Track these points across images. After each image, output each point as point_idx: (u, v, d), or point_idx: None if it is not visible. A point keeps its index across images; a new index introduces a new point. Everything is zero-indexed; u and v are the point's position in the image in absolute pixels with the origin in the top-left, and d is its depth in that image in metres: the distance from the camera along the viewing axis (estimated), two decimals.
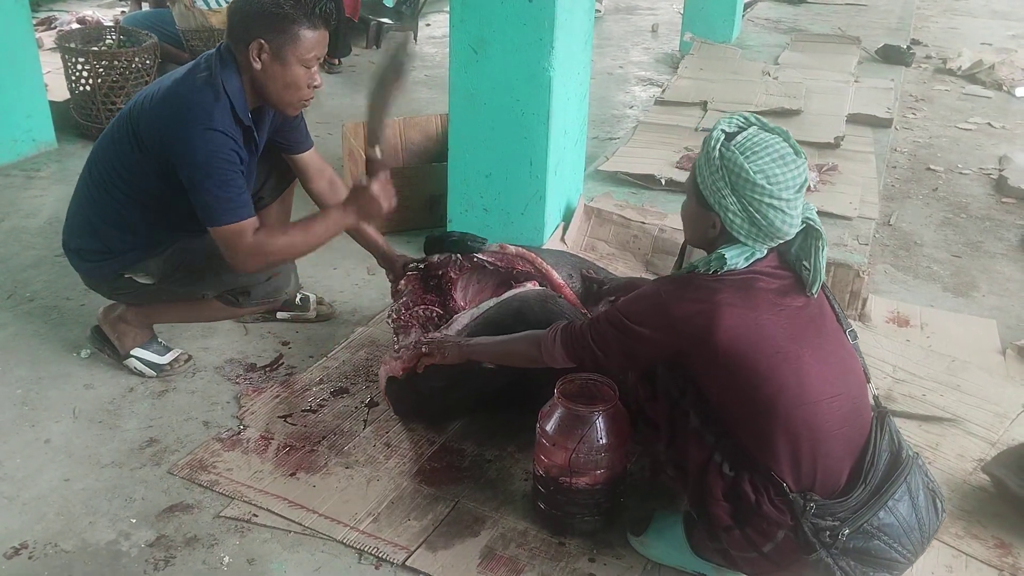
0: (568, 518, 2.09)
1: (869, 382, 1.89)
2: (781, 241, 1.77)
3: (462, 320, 2.40)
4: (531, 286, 2.52)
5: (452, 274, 2.65)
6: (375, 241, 2.79)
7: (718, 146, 1.71)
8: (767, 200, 1.68)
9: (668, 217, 3.53)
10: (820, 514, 1.69)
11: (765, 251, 1.77)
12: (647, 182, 3.93)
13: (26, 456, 2.33)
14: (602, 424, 2.00)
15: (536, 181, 3.20)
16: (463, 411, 2.50)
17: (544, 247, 3.19)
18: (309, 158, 2.69)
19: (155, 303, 2.62)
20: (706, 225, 1.78)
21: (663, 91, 5.34)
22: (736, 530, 1.77)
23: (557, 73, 3.03)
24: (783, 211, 1.70)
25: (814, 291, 1.80)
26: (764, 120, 1.77)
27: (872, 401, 1.89)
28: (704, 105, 4.97)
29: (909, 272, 3.56)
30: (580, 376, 2.18)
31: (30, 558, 2.01)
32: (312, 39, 2.26)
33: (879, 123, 4.87)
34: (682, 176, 3.94)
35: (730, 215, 1.72)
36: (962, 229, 3.99)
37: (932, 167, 4.73)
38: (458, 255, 2.65)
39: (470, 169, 3.27)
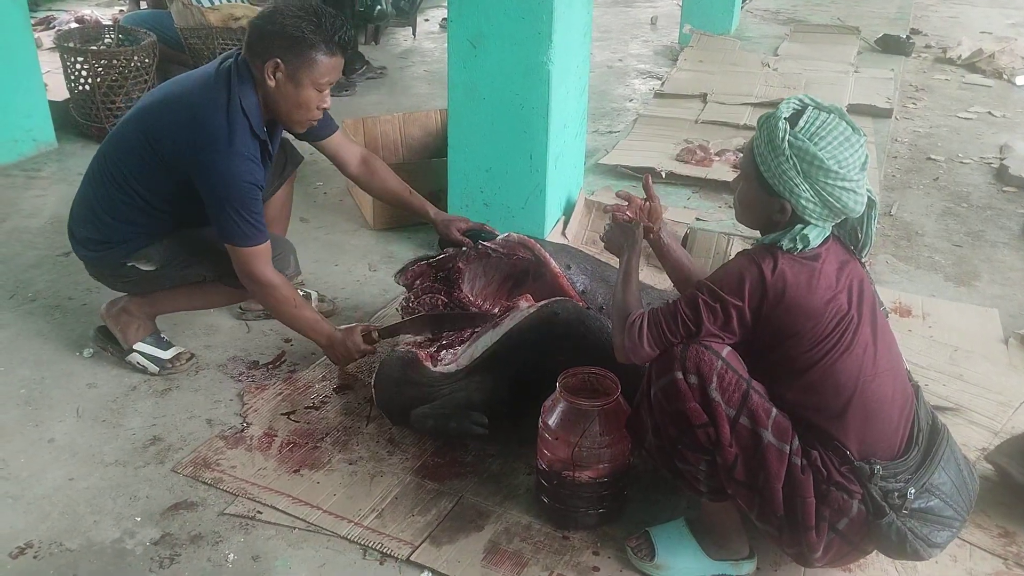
0: (572, 512, 2.09)
1: (901, 356, 1.90)
2: (850, 217, 1.78)
3: (462, 361, 2.36)
4: (524, 303, 2.45)
5: (460, 265, 2.66)
6: (424, 209, 2.79)
7: (785, 136, 1.69)
8: (840, 184, 1.69)
9: (668, 210, 3.52)
10: (887, 476, 1.72)
11: (831, 228, 1.79)
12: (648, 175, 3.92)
13: (30, 455, 2.34)
14: (604, 418, 2.00)
15: (536, 175, 3.20)
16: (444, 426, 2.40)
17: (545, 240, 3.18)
18: (336, 141, 2.72)
19: (158, 291, 2.63)
20: (772, 210, 1.76)
21: (663, 84, 5.34)
22: (823, 523, 1.75)
23: (556, 66, 3.02)
24: (854, 191, 1.71)
25: (864, 255, 1.82)
26: (815, 98, 1.76)
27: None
28: (704, 97, 4.97)
29: (911, 262, 3.56)
30: (581, 370, 2.18)
31: (35, 557, 2.02)
32: (328, 64, 2.30)
33: (879, 113, 4.86)
34: (683, 168, 3.96)
35: (803, 201, 1.71)
36: (963, 218, 3.98)
37: (933, 157, 4.73)
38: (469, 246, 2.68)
39: (470, 164, 3.27)
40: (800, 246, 1.73)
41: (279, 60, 2.27)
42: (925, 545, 1.75)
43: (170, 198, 2.43)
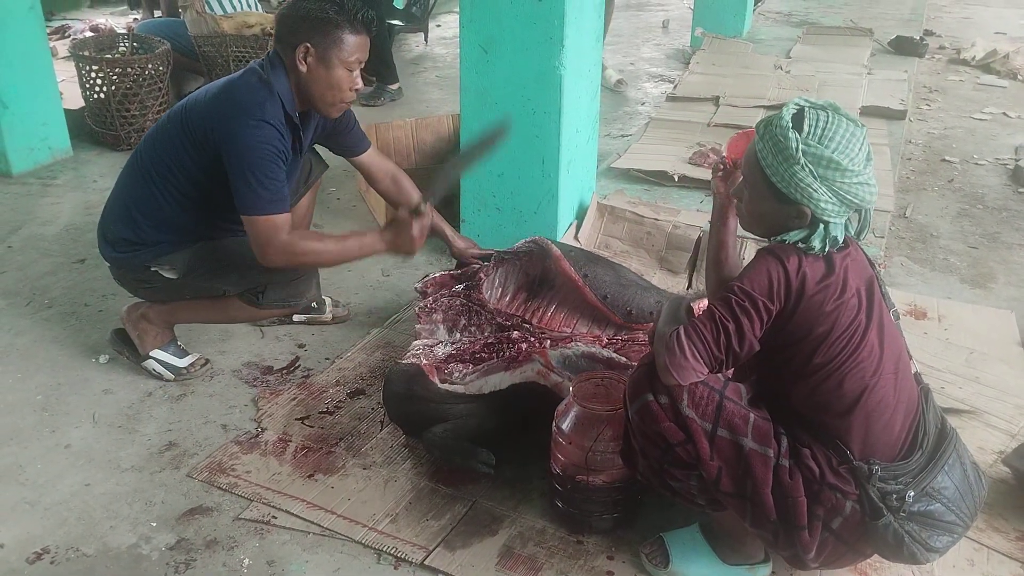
0: (586, 516, 2.09)
1: (911, 358, 1.89)
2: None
3: (470, 388, 2.34)
4: (533, 374, 2.33)
5: (481, 275, 2.73)
6: (442, 230, 2.85)
7: (798, 144, 1.67)
8: (856, 180, 1.68)
9: (681, 213, 3.53)
10: (885, 478, 1.71)
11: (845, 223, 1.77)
12: (660, 179, 3.92)
13: (47, 461, 2.36)
14: (617, 423, 2.00)
15: (548, 180, 3.20)
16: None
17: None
18: (369, 158, 2.81)
19: (177, 300, 2.65)
20: (789, 217, 1.73)
21: (675, 87, 5.33)
22: (816, 522, 1.73)
23: (568, 71, 3.03)
24: (867, 183, 1.70)
25: (863, 238, 1.80)
26: (808, 98, 1.76)
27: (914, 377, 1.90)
28: (716, 100, 4.96)
29: (926, 264, 3.54)
30: (595, 375, 2.18)
31: (52, 563, 2.03)
32: (354, 43, 2.38)
33: (893, 115, 4.84)
34: (695, 172, 3.94)
35: (822, 204, 1.69)
36: (979, 220, 3.96)
37: (947, 158, 4.70)
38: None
39: (482, 169, 3.27)
40: (830, 246, 1.72)
41: (308, 44, 2.35)
42: (923, 549, 1.73)
43: (199, 187, 2.45)
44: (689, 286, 3.25)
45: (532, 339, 2.53)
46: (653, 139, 4.44)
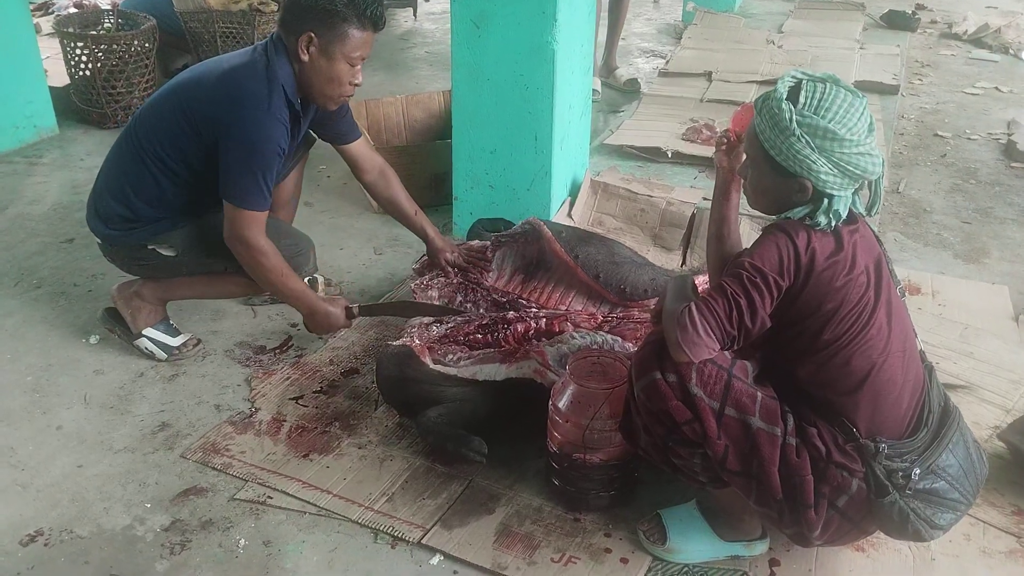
0: (583, 494, 2.09)
1: (916, 336, 1.88)
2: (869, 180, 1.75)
3: (463, 372, 2.33)
4: (530, 372, 2.30)
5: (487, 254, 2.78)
6: (423, 230, 2.83)
7: (792, 116, 1.66)
8: (855, 151, 1.67)
9: (675, 190, 3.51)
10: (891, 456, 1.71)
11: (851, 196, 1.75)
12: (653, 155, 3.90)
13: (38, 443, 2.33)
14: (614, 401, 1.99)
15: (542, 156, 3.17)
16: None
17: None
18: (358, 148, 2.76)
19: (173, 278, 2.62)
20: (791, 191, 1.72)
21: (667, 62, 5.29)
22: (822, 500, 1.73)
23: (561, 46, 2.99)
24: (869, 154, 1.68)
25: (875, 212, 1.79)
26: (807, 71, 1.74)
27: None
28: (709, 76, 4.92)
29: (919, 240, 3.54)
30: (591, 353, 2.17)
31: (46, 545, 2.01)
32: (359, 39, 2.34)
33: (886, 90, 4.82)
34: (689, 148, 3.92)
35: (822, 176, 1.68)
36: (971, 195, 3.95)
37: (940, 133, 4.69)
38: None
39: (474, 146, 3.24)
40: (834, 221, 1.71)
41: (312, 34, 2.31)
42: (927, 526, 1.73)
43: (198, 172, 2.42)
44: (683, 263, 3.23)
45: (528, 320, 2.52)
46: (646, 115, 4.40)
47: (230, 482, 2.20)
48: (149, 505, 2.13)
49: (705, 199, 3.50)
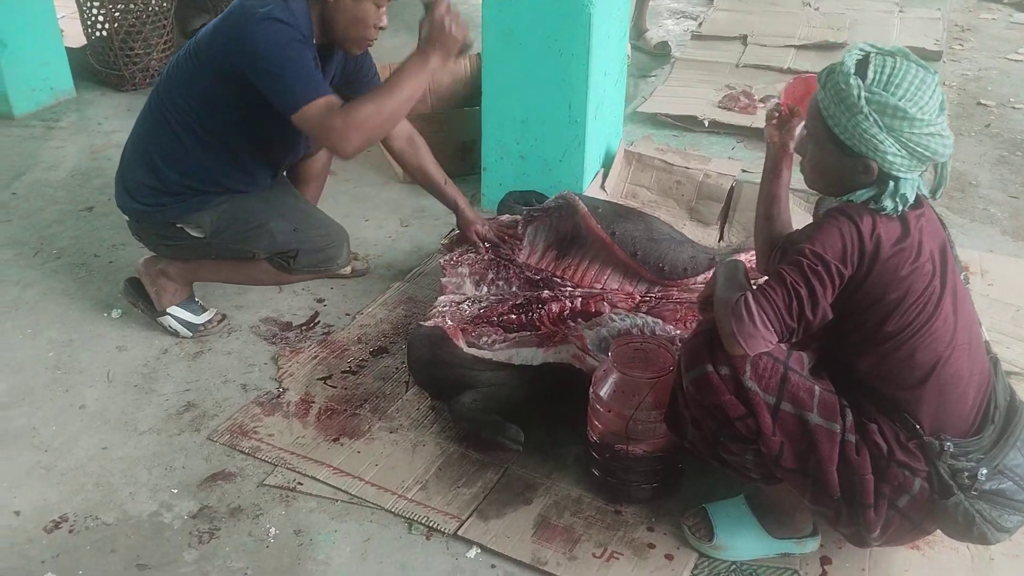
0: (624, 486, 2.01)
1: (981, 326, 1.78)
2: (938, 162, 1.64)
3: (498, 355, 2.25)
4: (568, 356, 2.22)
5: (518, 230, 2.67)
6: (454, 200, 2.71)
7: (860, 92, 1.55)
8: (926, 131, 1.56)
9: (712, 161, 3.38)
10: (957, 455, 1.62)
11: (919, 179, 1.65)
12: (688, 123, 3.77)
13: (61, 423, 2.27)
14: (660, 391, 1.90)
15: (575, 126, 3.05)
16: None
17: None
18: None
19: (201, 259, 2.54)
20: (855, 172, 1.62)
21: (699, 25, 5.12)
22: (882, 500, 1.65)
23: (597, 9, 2.86)
24: (940, 135, 1.58)
25: (939, 195, 1.69)
26: (875, 44, 1.62)
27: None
28: (744, 39, 4.76)
29: (965, 215, 3.40)
30: (634, 339, 2.08)
31: (71, 531, 1.95)
32: None
33: (928, 56, 4.63)
34: (726, 116, 3.79)
35: (889, 156, 1.57)
36: (1019, 168, 3.80)
37: (983, 102, 4.51)
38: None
39: (505, 114, 3.12)
40: (901, 205, 1.60)
41: None
42: (993, 529, 1.65)
43: (218, 120, 2.32)
44: (721, 238, 3.12)
45: (563, 299, 2.42)
46: (679, 81, 4.26)
47: (259, 466, 2.13)
48: (176, 490, 2.07)
49: (744, 171, 3.37)
